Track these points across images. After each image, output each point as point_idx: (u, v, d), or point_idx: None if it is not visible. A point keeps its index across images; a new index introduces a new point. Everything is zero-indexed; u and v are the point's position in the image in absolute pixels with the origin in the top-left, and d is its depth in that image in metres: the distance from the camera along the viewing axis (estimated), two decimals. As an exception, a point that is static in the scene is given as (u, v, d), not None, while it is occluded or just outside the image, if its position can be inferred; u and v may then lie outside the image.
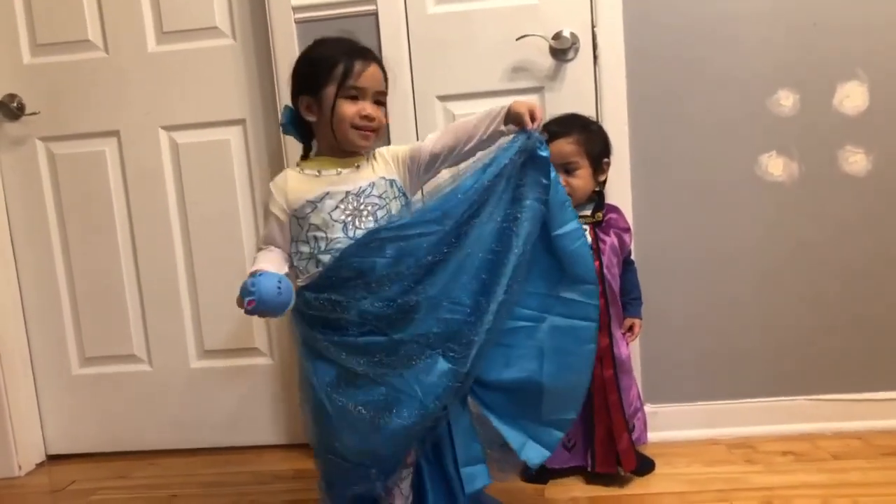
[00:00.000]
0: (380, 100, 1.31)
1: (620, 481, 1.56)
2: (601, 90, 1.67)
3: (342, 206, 1.26)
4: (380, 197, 1.29)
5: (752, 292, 1.73)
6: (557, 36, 1.63)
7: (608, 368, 1.53)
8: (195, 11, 1.80)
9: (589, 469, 1.56)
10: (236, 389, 1.93)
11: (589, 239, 1.55)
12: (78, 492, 1.80)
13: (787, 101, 1.66)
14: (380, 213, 1.28)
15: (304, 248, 1.28)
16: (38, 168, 1.90)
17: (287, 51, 1.70)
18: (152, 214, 1.89)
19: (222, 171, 1.85)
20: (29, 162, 1.90)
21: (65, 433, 2.00)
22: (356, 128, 1.27)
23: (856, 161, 1.67)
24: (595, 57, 1.66)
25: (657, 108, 1.69)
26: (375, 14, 1.69)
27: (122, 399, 1.97)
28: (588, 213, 1.58)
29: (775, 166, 1.69)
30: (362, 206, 1.27)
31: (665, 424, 1.73)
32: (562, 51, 1.65)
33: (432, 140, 1.33)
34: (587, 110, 1.65)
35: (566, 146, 1.54)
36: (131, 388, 1.96)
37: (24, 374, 1.95)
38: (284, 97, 1.72)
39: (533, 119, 1.26)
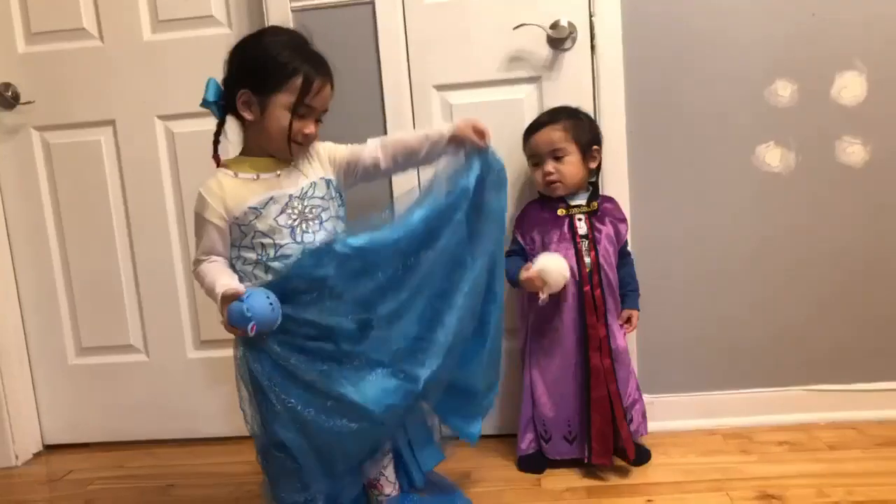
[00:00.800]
0: (321, 117, 1.29)
1: (617, 471, 1.57)
2: (598, 80, 1.66)
3: (288, 211, 1.24)
4: (322, 198, 1.27)
5: (749, 283, 1.73)
6: (555, 25, 1.63)
7: (605, 358, 1.53)
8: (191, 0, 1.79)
9: (585, 460, 1.56)
10: (233, 380, 1.92)
11: (584, 228, 1.56)
12: (75, 481, 1.80)
13: (784, 91, 1.66)
14: (324, 215, 1.27)
15: (250, 255, 1.24)
16: (33, 158, 1.90)
17: (283, 40, 1.70)
18: (148, 204, 1.88)
19: (218, 161, 1.84)
20: (24, 151, 1.89)
21: (62, 423, 2.01)
22: (294, 142, 1.25)
23: (853, 152, 1.66)
24: (593, 46, 1.66)
25: (654, 97, 1.68)
26: (372, 3, 1.68)
27: (119, 389, 1.97)
28: (583, 202, 1.58)
29: (772, 157, 1.69)
30: (307, 209, 1.25)
31: (661, 414, 1.74)
32: (559, 40, 1.64)
33: (372, 151, 1.32)
34: (584, 100, 1.65)
35: (554, 133, 1.55)
36: (128, 378, 1.96)
37: (20, 364, 1.95)
38: (281, 86, 1.72)
39: (482, 136, 1.27)
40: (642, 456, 1.61)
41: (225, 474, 1.75)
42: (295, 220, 1.24)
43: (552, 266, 1.48)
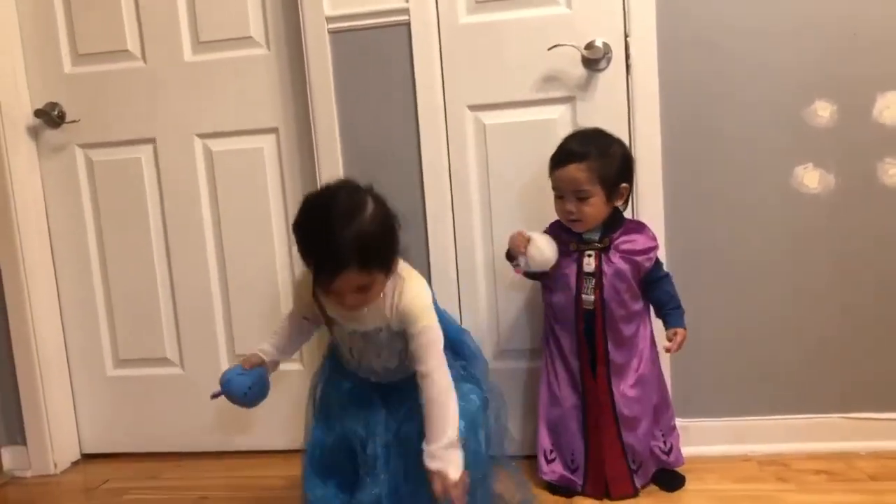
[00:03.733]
0: (364, 288, 1.21)
1: (650, 497, 1.55)
2: (633, 100, 1.65)
3: (350, 335, 1.35)
4: (385, 339, 1.33)
5: (787, 307, 1.70)
6: (590, 45, 1.62)
7: (604, 395, 1.53)
8: (230, 21, 1.83)
9: (580, 490, 1.57)
10: (272, 393, 1.95)
11: (592, 266, 1.54)
12: (111, 490, 1.84)
13: (824, 111, 1.63)
14: (384, 352, 1.35)
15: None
16: (76, 174, 1.95)
17: (320, 60, 1.73)
18: (186, 220, 1.92)
19: (255, 179, 1.87)
20: (68, 168, 1.95)
21: (99, 433, 2.05)
22: (332, 318, 1.34)
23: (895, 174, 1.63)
24: (628, 67, 1.65)
25: (690, 118, 1.67)
26: (408, 24, 1.70)
27: (154, 401, 2.01)
28: (596, 237, 1.55)
29: (811, 179, 1.66)
30: (369, 343, 1.34)
31: (695, 439, 1.71)
32: (594, 60, 1.64)
33: (418, 364, 1.27)
34: (619, 120, 1.64)
35: (578, 173, 1.49)
36: (163, 390, 2.00)
37: (60, 374, 2.00)
38: (317, 106, 1.75)
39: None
40: (676, 481, 1.59)
41: (256, 487, 1.77)
42: (355, 343, 1.36)
43: (543, 239, 1.50)
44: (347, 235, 1.16)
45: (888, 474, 1.58)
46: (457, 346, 1.43)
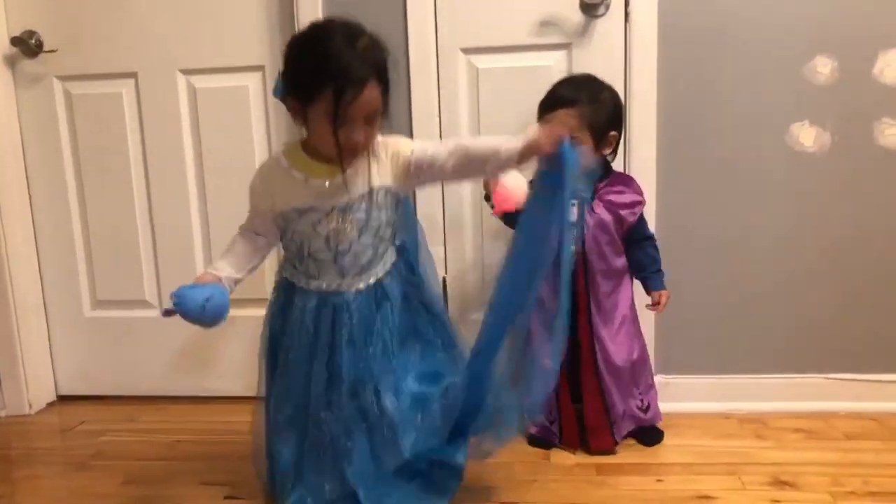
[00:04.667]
0: (373, 118, 1.19)
1: (628, 450, 1.55)
2: (631, 49, 1.62)
3: (325, 221, 1.24)
4: (366, 211, 1.25)
5: (775, 265, 1.69)
6: (588, -10, 1.58)
7: (587, 352, 1.52)
8: (218, -48, 1.76)
9: (558, 442, 1.57)
10: (247, 339, 1.92)
11: (574, 215, 1.50)
12: (86, 432, 1.82)
13: (824, 68, 1.60)
14: (367, 228, 1.26)
15: (290, 247, 1.30)
16: (54, 108, 1.88)
17: (309, -4, 1.67)
18: (168, 159, 1.87)
19: (240, 118, 1.82)
20: (46, 101, 1.88)
21: (75, 374, 2.02)
22: (343, 153, 1.19)
23: (892, 134, 1.61)
24: (626, 14, 1.61)
25: (687, 71, 1.63)
26: (402, -39, 1.64)
27: (132, 344, 1.98)
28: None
29: (807, 136, 1.63)
30: (349, 221, 1.24)
31: (677, 396, 1.71)
32: (592, 6, 1.59)
33: (440, 154, 1.23)
34: (615, 69, 1.60)
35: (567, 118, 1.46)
36: (142, 333, 1.97)
37: (36, 314, 1.96)
38: (305, 43, 1.69)
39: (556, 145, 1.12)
40: (655, 436, 1.59)
41: (233, 432, 1.75)
42: (332, 229, 1.24)
43: (510, 177, 1.42)
44: (364, 45, 1.16)
45: (864, 434, 1.59)
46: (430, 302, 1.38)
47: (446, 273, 1.77)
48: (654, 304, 1.57)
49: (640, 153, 1.64)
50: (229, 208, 1.83)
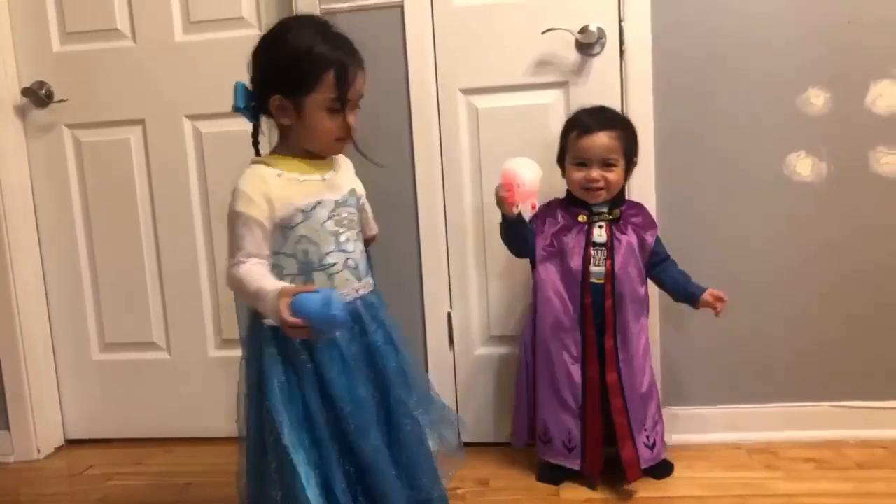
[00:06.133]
0: (358, 104, 1.21)
1: (638, 484, 1.54)
2: (627, 86, 1.65)
3: (334, 217, 1.19)
4: (355, 208, 1.25)
5: (777, 295, 1.70)
6: (584, 30, 1.62)
7: (611, 372, 1.51)
8: (222, 1, 1.81)
9: (578, 469, 1.55)
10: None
11: (604, 237, 1.53)
12: (94, 476, 1.82)
13: (817, 99, 1.63)
14: (357, 226, 1.25)
15: (290, 263, 1.18)
16: (64, 155, 1.93)
17: (312, 42, 1.71)
18: (175, 203, 1.90)
19: (245, 160, 1.81)
20: (56, 149, 1.92)
21: (84, 418, 2.02)
22: (337, 139, 1.19)
23: (888, 162, 1.63)
24: (622, 52, 1.64)
25: (683, 105, 1.66)
26: (401, 7, 1.69)
27: (140, 386, 1.98)
28: (605, 209, 1.55)
29: (803, 166, 1.65)
30: (346, 217, 1.22)
31: (685, 427, 1.71)
32: (588, 45, 1.63)
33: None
34: (612, 104, 1.61)
35: (610, 140, 1.50)
36: (150, 375, 1.98)
37: (45, 358, 1.98)
38: (308, 88, 1.73)
39: None
40: (665, 469, 1.58)
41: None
42: (339, 226, 1.20)
43: (520, 161, 1.43)
44: (340, 31, 1.18)
45: (876, 462, 1.58)
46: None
47: (451, 309, 1.78)
48: (716, 300, 1.52)
49: (638, 186, 1.66)
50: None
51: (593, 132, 1.50)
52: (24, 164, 1.93)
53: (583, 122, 1.52)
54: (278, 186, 1.15)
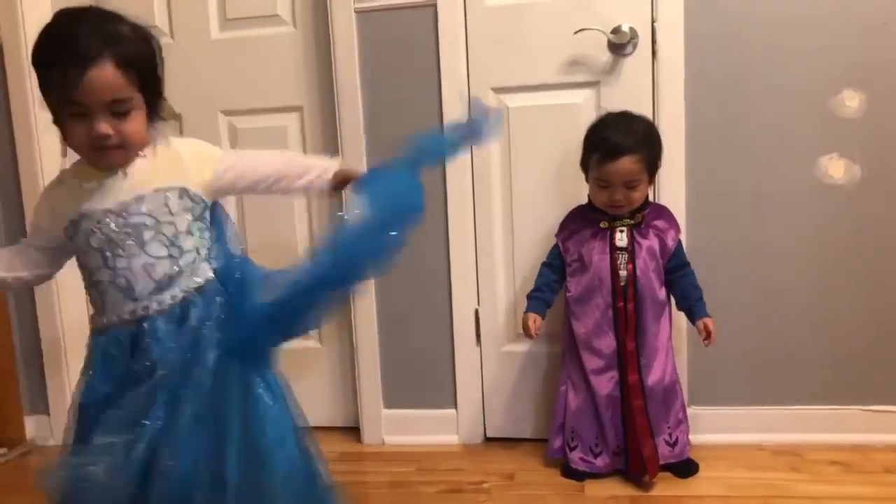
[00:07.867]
0: (121, 109, 0.99)
1: (662, 482, 1.55)
2: (658, 86, 1.65)
3: (98, 232, 1.03)
4: (151, 215, 1.04)
5: (807, 297, 1.69)
6: (616, 30, 1.62)
7: (633, 373, 1.53)
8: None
9: (605, 473, 1.58)
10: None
11: (625, 241, 1.55)
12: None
13: (852, 101, 1.61)
14: (148, 234, 1.04)
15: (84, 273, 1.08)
16: (103, 149, 1.97)
17: (346, 40, 1.74)
18: (210, 197, 1.94)
19: (279, 157, 1.88)
20: (95, 142, 1.97)
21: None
22: (96, 149, 1.00)
23: (923, 166, 1.61)
24: (654, 52, 1.64)
25: (715, 105, 1.66)
26: (434, 6, 1.70)
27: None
28: (627, 216, 1.56)
29: (836, 169, 1.64)
30: (124, 228, 1.03)
31: (710, 427, 1.71)
32: (620, 45, 1.63)
33: (257, 162, 1.16)
34: (643, 105, 1.64)
35: (633, 165, 1.49)
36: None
37: (83, 343, 2.00)
38: (342, 86, 1.76)
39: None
40: (689, 468, 1.59)
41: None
42: (105, 241, 1.03)
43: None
44: (101, 26, 0.99)
45: (904, 467, 1.58)
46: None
47: (479, 305, 1.80)
48: (706, 333, 1.55)
49: (668, 188, 1.67)
50: (268, 245, 1.91)
51: (613, 158, 1.49)
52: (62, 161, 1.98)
53: (605, 146, 1.50)
54: (64, 193, 1.07)
